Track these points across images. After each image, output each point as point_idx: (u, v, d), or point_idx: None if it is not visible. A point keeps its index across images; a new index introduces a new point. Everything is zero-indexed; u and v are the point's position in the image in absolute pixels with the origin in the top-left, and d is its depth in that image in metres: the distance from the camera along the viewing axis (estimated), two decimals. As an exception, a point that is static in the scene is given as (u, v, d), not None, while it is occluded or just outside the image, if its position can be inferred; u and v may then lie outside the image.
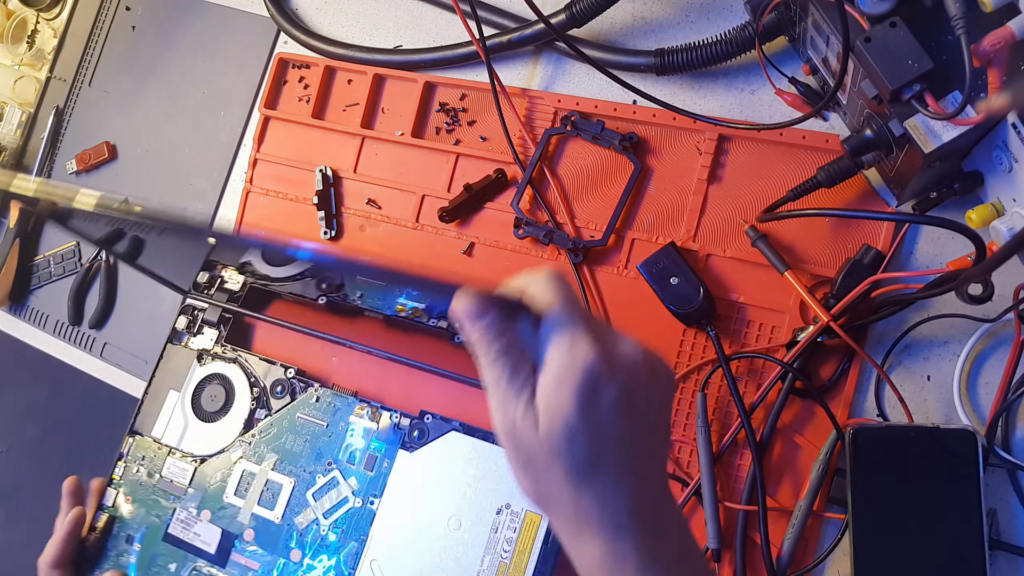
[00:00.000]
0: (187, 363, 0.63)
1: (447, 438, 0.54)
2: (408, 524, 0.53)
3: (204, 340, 0.63)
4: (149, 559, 0.59)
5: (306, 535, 0.56)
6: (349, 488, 0.55)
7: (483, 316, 0.31)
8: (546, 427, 0.31)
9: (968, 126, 0.41)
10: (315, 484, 0.56)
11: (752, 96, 0.56)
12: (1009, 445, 0.48)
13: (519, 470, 0.32)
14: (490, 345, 0.31)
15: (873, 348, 0.51)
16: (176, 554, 0.58)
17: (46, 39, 0.80)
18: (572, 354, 0.30)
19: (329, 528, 0.55)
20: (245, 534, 0.57)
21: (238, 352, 0.62)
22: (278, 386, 0.59)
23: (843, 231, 0.52)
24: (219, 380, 0.61)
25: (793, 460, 0.51)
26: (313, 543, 0.55)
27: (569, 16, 0.55)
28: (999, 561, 0.47)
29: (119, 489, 0.61)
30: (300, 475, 0.57)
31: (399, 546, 0.53)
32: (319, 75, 0.67)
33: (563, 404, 0.30)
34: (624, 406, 0.31)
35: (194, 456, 0.60)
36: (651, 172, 0.57)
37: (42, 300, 0.76)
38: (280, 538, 0.56)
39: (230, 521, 0.58)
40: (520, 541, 0.50)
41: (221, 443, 0.60)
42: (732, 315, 0.53)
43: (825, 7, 0.44)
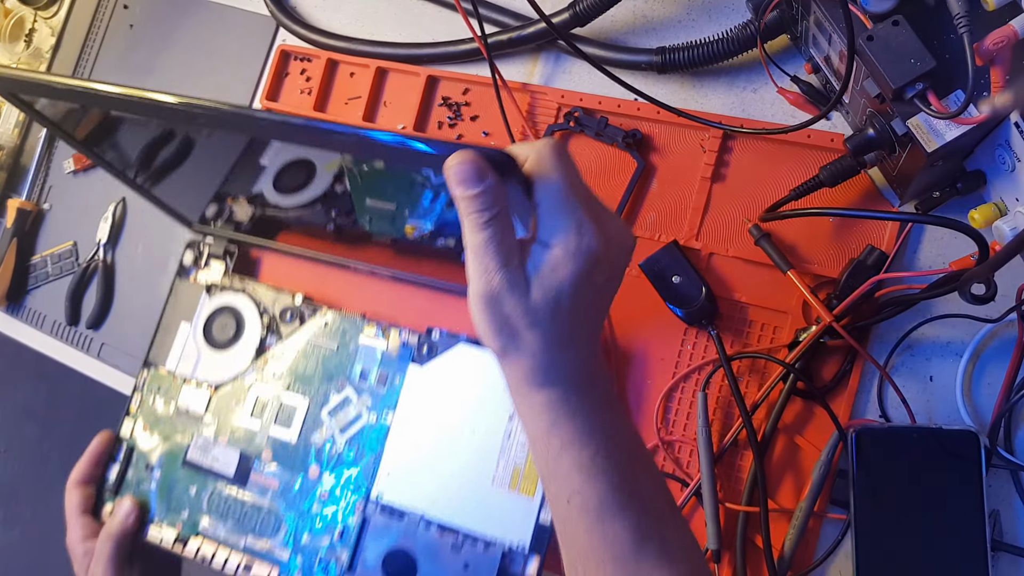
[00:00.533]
0: (196, 296, 0.63)
1: (455, 350, 0.55)
2: (423, 436, 0.55)
3: (212, 274, 0.64)
4: (169, 484, 0.60)
5: (323, 452, 0.57)
6: (363, 404, 0.57)
7: (480, 181, 0.32)
8: (540, 297, 0.33)
9: (971, 125, 0.40)
10: (329, 403, 0.58)
11: (754, 94, 0.56)
12: (1012, 446, 0.47)
13: (487, 329, 0.34)
14: (482, 211, 0.32)
15: (876, 348, 0.51)
16: (195, 478, 0.60)
17: (44, 38, 0.79)
18: (579, 239, 0.32)
19: (345, 444, 0.57)
20: (263, 454, 0.58)
21: (246, 282, 0.62)
22: (287, 312, 0.60)
23: (846, 231, 0.52)
24: (229, 310, 0.62)
25: (795, 461, 0.51)
26: (330, 459, 0.57)
27: (572, 15, 0.55)
28: (1001, 562, 0.47)
29: (136, 420, 0.62)
30: (314, 395, 0.58)
31: (415, 457, 0.55)
32: (321, 67, 0.67)
33: (563, 281, 0.32)
34: (607, 289, 0.35)
35: (209, 383, 0.61)
36: (654, 170, 0.57)
37: (39, 300, 0.76)
38: (297, 456, 0.58)
39: (247, 443, 0.59)
40: None
41: (234, 370, 0.61)
42: (734, 315, 0.53)
43: (828, 5, 0.44)
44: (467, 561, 0.52)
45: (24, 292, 0.76)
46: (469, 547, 0.52)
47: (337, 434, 0.57)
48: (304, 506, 0.57)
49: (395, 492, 0.55)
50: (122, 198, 0.73)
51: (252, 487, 0.58)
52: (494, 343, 0.35)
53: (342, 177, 0.53)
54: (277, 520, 0.57)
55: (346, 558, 0.55)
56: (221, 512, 0.58)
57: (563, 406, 0.35)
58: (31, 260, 0.76)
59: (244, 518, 0.58)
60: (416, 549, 0.54)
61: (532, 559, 0.51)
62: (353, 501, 0.55)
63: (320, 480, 0.57)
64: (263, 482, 0.58)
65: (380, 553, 0.54)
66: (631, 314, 0.56)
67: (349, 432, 0.57)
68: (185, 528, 0.59)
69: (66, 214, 0.76)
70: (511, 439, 0.53)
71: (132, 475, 0.61)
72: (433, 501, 0.54)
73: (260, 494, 0.58)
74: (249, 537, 0.57)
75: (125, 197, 0.73)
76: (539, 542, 0.51)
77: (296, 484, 0.57)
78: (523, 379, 0.35)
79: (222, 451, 0.59)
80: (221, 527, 0.58)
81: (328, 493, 0.56)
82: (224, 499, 0.58)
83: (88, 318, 0.72)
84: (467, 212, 0.33)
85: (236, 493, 0.58)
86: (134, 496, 0.60)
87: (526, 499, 0.52)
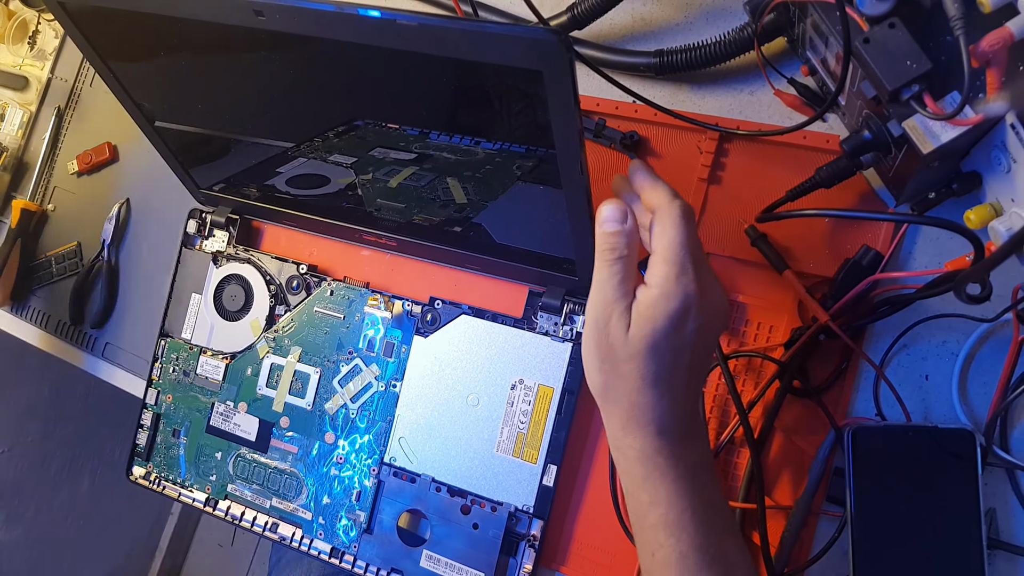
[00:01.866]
0: (203, 266, 0.65)
1: (458, 322, 0.57)
2: (430, 403, 0.57)
3: (216, 242, 0.65)
4: (196, 450, 0.64)
5: (337, 419, 0.60)
6: (372, 374, 0.59)
7: (622, 222, 0.38)
8: (637, 332, 0.37)
9: (967, 126, 0.41)
10: (340, 372, 0.60)
11: (751, 97, 0.56)
12: (1008, 445, 0.48)
13: (593, 360, 0.38)
14: (615, 248, 0.38)
15: (871, 348, 0.51)
16: (220, 444, 0.63)
17: (47, 40, 0.80)
18: (678, 283, 0.36)
19: (357, 411, 0.59)
20: (281, 421, 0.61)
21: (250, 252, 0.64)
22: (293, 282, 0.62)
23: (842, 231, 0.52)
24: (237, 280, 0.64)
25: (791, 459, 0.51)
26: (344, 426, 0.59)
27: (570, 18, 0.56)
28: (998, 561, 0.47)
29: (159, 389, 0.65)
30: (325, 365, 0.60)
31: (424, 424, 0.57)
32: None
33: (658, 319, 0.36)
34: (700, 339, 0.37)
35: (224, 354, 0.63)
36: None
37: (43, 300, 0.76)
38: (313, 423, 0.60)
39: (266, 411, 0.62)
40: (535, 412, 0.55)
41: (247, 340, 0.63)
42: (731, 314, 0.54)
43: (824, 8, 0.44)
44: (476, 521, 0.55)
45: (28, 292, 0.77)
46: (477, 508, 0.55)
47: (350, 403, 0.59)
48: (322, 470, 0.60)
49: (406, 457, 0.58)
50: (126, 199, 0.73)
51: (273, 453, 0.62)
52: (597, 378, 0.38)
53: (355, 188, 0.54)
54: (298, 483, 0.61)
55: (364, 518, 0.58)
56: (247, 476, 0.62)
57: (656, 459, 0.38)
58: (35, 260, 0.77)
59: (268, 481, 0.62)
60: (428, 510, 0.56)
61: (536, 521, 0.54)
62: (368, 465, 0.58)
63: (336, 445, 0.59)
64: (283, 447, 0.61)
65: (395, 514, 0.58)
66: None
67: (361, 400, 0.59)
68: (215, 490, 0.63)
69: (70, 215, 0.76)
70: (514, 407, 0.55)
71: (160, 441, 0.64)
72: (442, 465, 0.57)
73: (281, 459, 0.61)
74: (274, 499, 0.61)
75: (129, 198, 0.74)
76: (542, 504, 0.54)
77: (314, 449, 0.60)
78: (621, 424, 0.38)
79: (242, 418, 0.62)
80: (247, 490, 0.62)
81: (344, 458, 0.59)
82: (249, 463, 0.62)
83: (92, 318, 0.73)
84: (602, 248, 0.38)
85: (259, 458, 0.62)
86: (166, 464, 0.64)
87: (529, 465, 0.54)
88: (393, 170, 0.50)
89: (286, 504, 0.61)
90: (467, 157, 0.45)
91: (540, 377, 0.55)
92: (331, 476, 0.59)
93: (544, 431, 0.54)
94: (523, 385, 0.55)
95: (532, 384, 0.55)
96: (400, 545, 0.57)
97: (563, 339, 0.54)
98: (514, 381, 0.55)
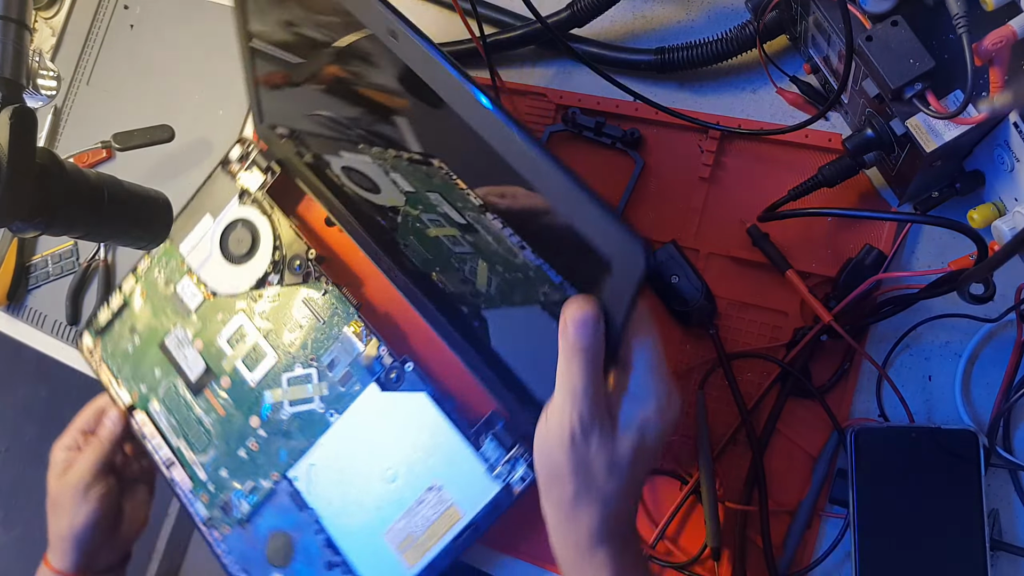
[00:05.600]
0: (228, 195, 0.63)
1: (417, 397, 0.54)
2: (353, 451, 0.56)
3: (250, 179, 0.63)
4: (141, 355, 0.63)
5: (268, 410, 0.58)
6: (318, 391, 0.57)
7: (596, 333, 0.35)
8: (626, 448, 0.36)
9: (970, 125, 0.41)
10: (292, 371, 0.58)
11: (753, 95, 0.56)
12: (1011, 445, 0.48)
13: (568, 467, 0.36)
14: (588, 359, 0.35)
15: (874, 348, 0.51)
16: (164, 364, 0.62)
17: (44, 38, 0.79)
18: (669, 404, 0.36)
19: (289, 416, 0.58)
20: (222, 380, 0.60)
21: (275, 209, 0.62)
22: (296, 261, 0.60)
23: (844, 231, 0.52)
24: (250, 228, 0.62)
25: (794, 460, 0.51)
26: (271, 421, 0.58)
27: (570, 15, 0.55)
28: (1001, 562, 0.47)
29: (139, 283, 0.64)
30: (284, 356, 0.59)
31: (337, 465, 0.56)
32: (318, 74, 0.67)
33: (646, 438, 0.36)
34: (661, 451, 0.39)
35: (207, 288, 0.62)
36: (652, 170, 0.57)
37: (40, 300, 0.76)
38: (248, 400, 0.59)
39: (215, 362, 0.61)
40: (435, 525, 0.52)
41: (232, 289, 0.61)
42: (733, 314, 0.53)
43: (827, 6, 0.44)
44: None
45: (25, 292, 0.76)
46: (339, 574, 0.54)
47: (287, 404, 0.58)
48: (234, 445, 0.59)
49: (307, 484, 0.56)
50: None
51: (201, 401, 0.60)
52: (567, 485, 0.37)
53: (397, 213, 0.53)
54: (209, 442, 0.60)
55: (246, 511, 0.58)
56: (170, 406, 0.61)
57: (619, 561, 0.38)
58: (32, 260, 0.76)
59: (185, 423, 0.61)
60: (299, 544, 0.56)
61: None
62: (273, 468, 0.58)
63: (256, 433, 0.58)
64: (213, 403, 0.60)
65: (271, 527, 0.57)
66: (630, 314, 0.56)
67: (296, 408, 0.58)
68: (139, 400, 0.62)
69: (66, 214, 0.76)
70: (421, 507, 0.53)
71: (117, 328, 0.64)
72: (333, 513, 0.55)
73: (205, 412, 0.60)
74: (182, 442, 0.61)
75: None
76: None
77: (237, 423, 0.59)
78: (590, 534, 0.37)
79: (193, 354, 0.61)
80: (164, 418, 0.61)
81: (258, 446, 0.58)
82: (177, 397, 0.61)
83: (89, 318, 0.72)
84: (573, 355, 0.35)
85: (188, 397, 0.61)
86: (113, 351, 0.64)
87: (405, 566, 0.53)
88: (439, 221, 0.48)
89: (190, 453, 0.60)
90: (507, 254, 0.43)
91: (458, 497, 0.52)
92: (239, 456, 0.59)
93: (433, 547, 0.52)
94: (439, 493, 0.52)
95: (447, 498, 0.52)
96: (262, 557, 0.57)
97: (497, 477, 0.51)
98: (434, 484, 0.53)
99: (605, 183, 0.58)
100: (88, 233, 0.48)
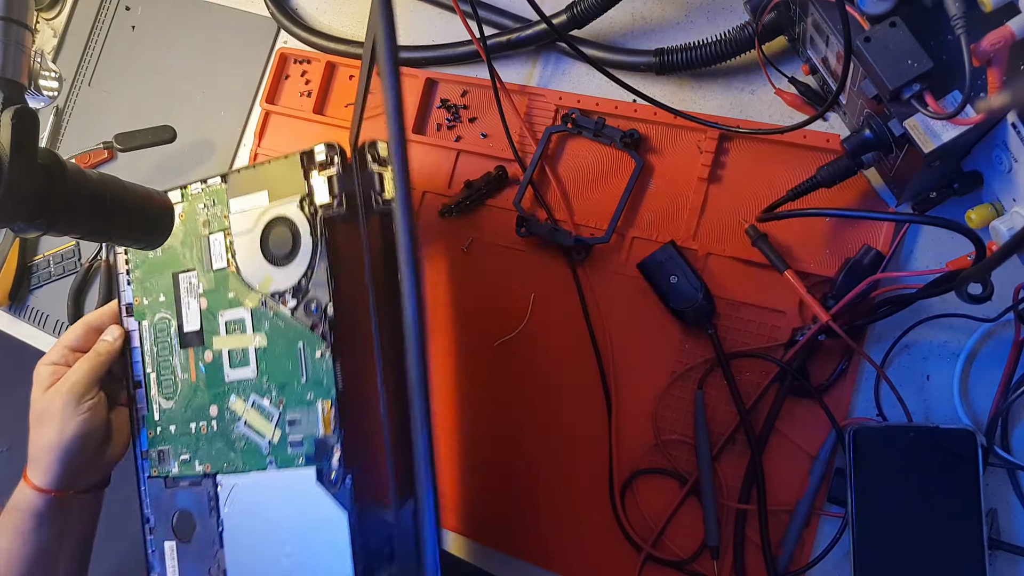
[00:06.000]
0: (295, 190, 0.56)
1: (341, 516, 0.53)
2: (271, 504, 0.56)
3: (319, 190, 0.56)
4: (156, 270, 0.62)
5: (226, 415, 0.58)
6: (271, 433, 0.56)
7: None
8: None
9: (968, 126, 0.41)
10: (261, 398, 0.57)
11: (752, 96, 0.56)
12: (1008, 445, 0.48)
13: None
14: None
15: (872, 348, 0.51)
16: (169, 294, 0.61)
17: (46, 39, 0.80)
18: None
19: (239, 433, 0.57)
20: (206, 353, 0.59)
21: (323, 241, 0.56)
22: (314, 304, 0.55)
23: (843, 231, 0.52)
24: (294, 237, 0.57)
25: (792, 459, 0.51)
26: (226, 422, 0.58)
27: (570, 17, 0.56)
28: (999, 561, 0.47)
29: (184, 205, 0.60)
30: (262, 380, 0.57)
31: (254, 506, 0.57)
32: (321, 70, 0.67)
33: None
34: None
35: (235, 258, 0.59)
36: (651, 171, 0.57)
37: (42, 300, 0.76)
38: (217, 388, 0.58)
39: (208, 331, 0.59)
40: None
41: (253, 280, 0.58)
42: (731, 314, 0.53)
43: (825, 7, 0.44)
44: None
45: (27, 292, 0.76)
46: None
47: (242, 424, 0.57)
48: (188, 415, 0.59)
49: (227, 497, 0.58)
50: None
51: (182, 356, 0.60)
52: None
53: None
54: (172, 393, 0.60)
55: (174, 473, 0.60)
56: (157, 335, 0.61)
57: None
58: (33, 260, 0.76)
59: (163, 361, 0.61)
60: (198, 538, 0.58)
61: None
62: (208, 460, 0.59)
63: (210, 421, 0.59)
64: (190, 364, 0.60)
65: (186, 505, 0.59)
66: (629, 314, 0.56)
67: (248, 431, 0.57)
68: (135, 314, 0.62)
69: (68, 214, 0.76)
70: None
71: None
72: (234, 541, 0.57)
73: (182, 367, 0.60)
74: (154, 375, 0.61)
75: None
76: None
77: (199, 399, 0.59)
78: None
79: (194, 308, 0.60)
80: (149, 343, 0.61)
81: (206, 431, 0.59)
82: (167, 333, 0.60)
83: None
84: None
85: (174, 342, 0.60)
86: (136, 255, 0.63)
87: None
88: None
89: (155, 389, 0.60)
90: None
91: None
92: (189, 427, 0.59)
93: None
94: None
95: None
96: (167, 519, 0.59)
97: None
98: None
99: (604, 184, 0.58)
100: (90, 234, 0.48)
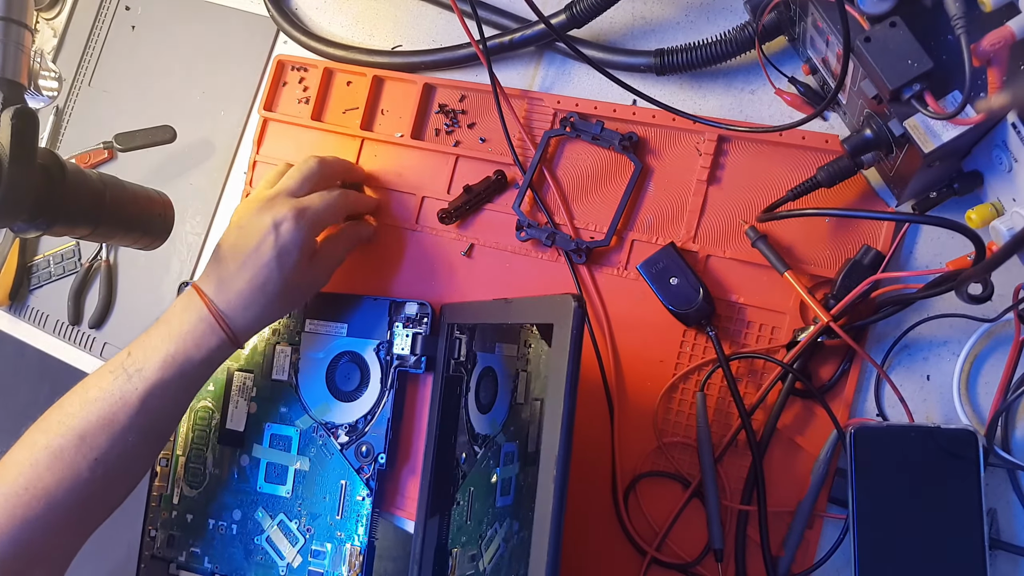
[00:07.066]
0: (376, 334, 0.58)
1: None
2: None
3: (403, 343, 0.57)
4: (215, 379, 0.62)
5: (249, 524, 0.60)
6: (291, 557, 0.58)
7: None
8: None
9: (968, 126, 0.41)
10: (290, 520, 0.59)
11: (752, 96, 0.56)
12: (1009, 445, 0.48)
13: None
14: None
15: (873, 348, 0.51)
16: (219, 388, 0.62)
17: (46, 39, 0.80)
18: None
19: (258, 548, 0.59)
20: (243, 457, 0.60)
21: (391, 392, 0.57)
22: (364, 447, 0.57)
23: (843, 231, 0.52)
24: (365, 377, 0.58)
25: (793, 460, 0.51)
26: (246, 534, 0.60)
27: (569, 17, 0.55)
28: (999, 561, 0.47)
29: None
30: (295, 502, 0.59)
31: None
32: (318, 77, 0.67)
33: None
34: None
35: (295, 376, 0.60)
36: (651, 172, 0.57)
37: (42, 300, 0.76)
38: (246, 496, 0.60)
39: (250, 440, 0.60)
40: None
41: (309, 403, 0.59)
42: (732, 315, 0.53)
43: (825, 7, 0.44)
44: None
45: (27, 292, 0.76)
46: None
47: (266, 539, 0.59)
48: (211, 510, 0.61)
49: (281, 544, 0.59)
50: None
51: (218, 451, 0.61)
52: None
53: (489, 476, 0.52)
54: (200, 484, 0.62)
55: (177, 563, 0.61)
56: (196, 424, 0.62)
57: None
58: (33, 260, 0.76)
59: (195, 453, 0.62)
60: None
61: None
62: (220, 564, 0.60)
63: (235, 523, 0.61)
64: (226, 462, 0.61)
65: None
66: (630, 317, 0.56)
67: (267, 548, 0.59)
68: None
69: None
70: None
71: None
72: None
73: (215, 463, 0.61)
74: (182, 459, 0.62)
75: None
76: None
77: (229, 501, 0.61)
78: None
79: (243, 409, 0.61)
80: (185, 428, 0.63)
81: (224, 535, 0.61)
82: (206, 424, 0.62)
83: (90, 318, 0.73)
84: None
85: (213, 436, 0.61)
86: None
87: None
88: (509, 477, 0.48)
89: (181, 475, 0.61)
90: None
91: None
92: (209, 522, 0.60)
93: None
94: None
95: None
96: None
97: None
98: None
99: (604, 186, 0.58)
100: (90, 234, 0.48)
